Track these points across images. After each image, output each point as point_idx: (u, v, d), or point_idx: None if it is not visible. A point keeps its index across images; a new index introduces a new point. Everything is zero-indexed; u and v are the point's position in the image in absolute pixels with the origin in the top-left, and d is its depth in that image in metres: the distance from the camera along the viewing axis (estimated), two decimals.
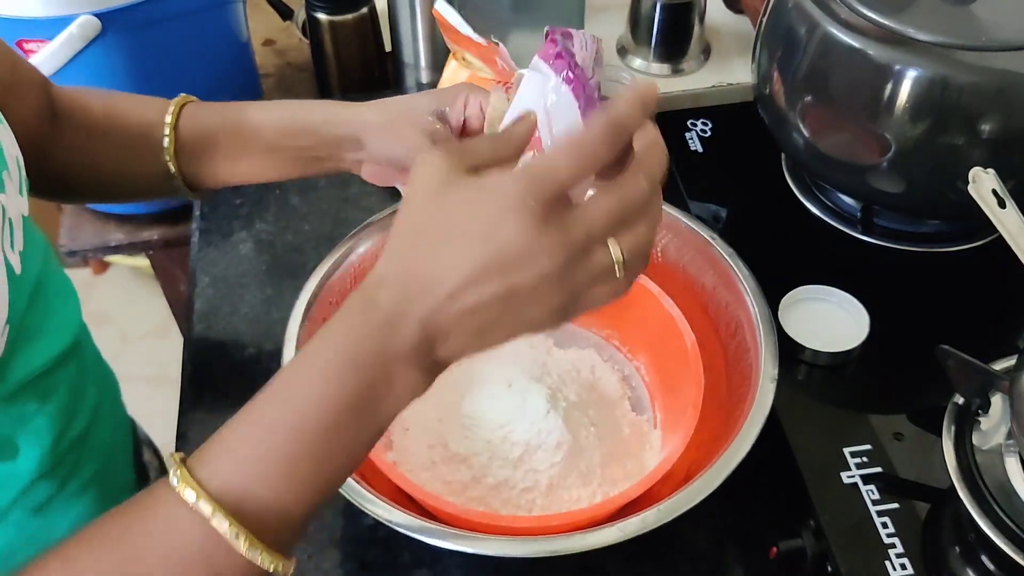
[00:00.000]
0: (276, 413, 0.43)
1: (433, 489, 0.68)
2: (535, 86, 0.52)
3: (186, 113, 0.68)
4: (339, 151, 0.67)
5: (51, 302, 0.63)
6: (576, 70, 0.53)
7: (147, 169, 0.68)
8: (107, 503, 0.67)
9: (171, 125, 0.66)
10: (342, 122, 0.66)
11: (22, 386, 0.58)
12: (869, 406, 0.73)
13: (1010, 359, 0.66)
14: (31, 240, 0.59)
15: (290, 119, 0.68)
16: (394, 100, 0.67)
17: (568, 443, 0.70)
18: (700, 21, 1.07)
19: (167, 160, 0.67)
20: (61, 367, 0.63)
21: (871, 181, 0.79)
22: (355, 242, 0.76)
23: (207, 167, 0.69)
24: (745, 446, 0.61)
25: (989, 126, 0.73)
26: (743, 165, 0.95)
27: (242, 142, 0.68)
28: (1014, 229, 0.64)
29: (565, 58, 0.53)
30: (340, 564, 0.69)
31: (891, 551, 0.63)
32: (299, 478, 0.42)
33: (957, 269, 0.84)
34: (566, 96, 0.52)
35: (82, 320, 0.69)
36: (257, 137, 0.67)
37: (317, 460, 0.42)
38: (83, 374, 0.67)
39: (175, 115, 0.67)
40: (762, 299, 0.70)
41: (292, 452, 0.42)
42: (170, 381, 0.85)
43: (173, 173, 0.68)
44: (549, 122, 0.52)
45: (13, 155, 0.56)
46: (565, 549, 0.58)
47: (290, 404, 0.42)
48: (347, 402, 0.42)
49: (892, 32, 0.71)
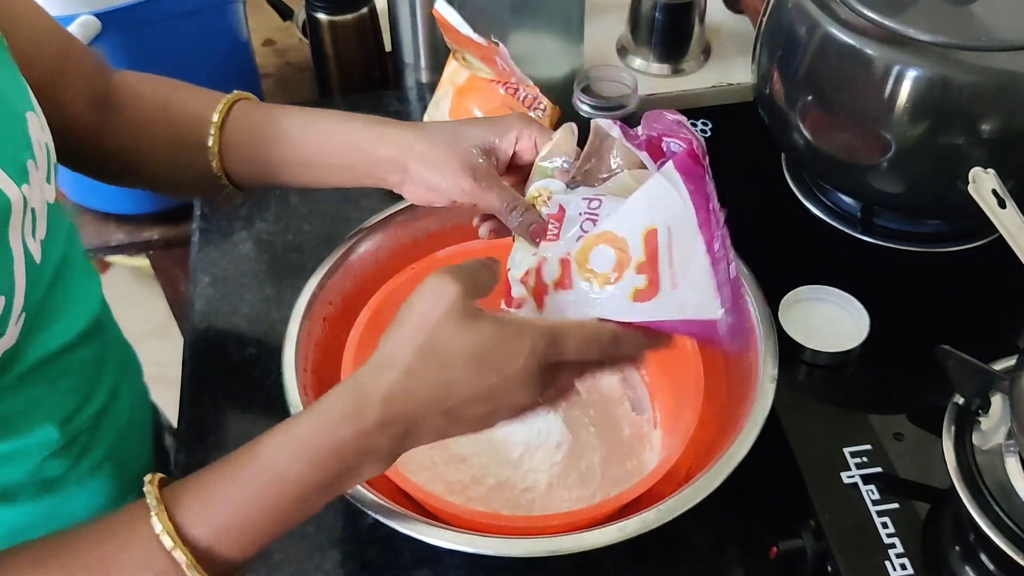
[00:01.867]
0: (259, 481, 0.48)
1: (433, 489, 0.68)
2: (657, 197, 0.50)
3: (235, 113, 0.68)
4: (382, 172, 0.66)
5: (72, 285, 0.64)
6: (706, 189, 0.50)
7: (194, 164, 0.68)
8: (122, 482, 0.70)
9: (217, 125, 0.67)
10: (385, 145, 0.65)
11: (38, 365, 0.60)
12: (869, 406, 0.73)
13: (1010, 359, 0.66)
14: (55, 226, 0.60)
15: (334, 135, 0.67)
16: (442, 128, 0.66)
17: (568, 443, 0.70)
18: (700, 21, 1.07)
19: (211, 159, 0.67)
20: (79, 347, 0.64)
21: (871, 181, 0.79)
22: (355, 242, 0.76)
23: (250, 169, 0.69)
24: (745, 446, 0.61)
25: (989, 126, 0.73)
26: (743, 165, 0.95)
27: (286, 152, 0.67)
28: (1014, 229, 0.64)
29: (702, 175, 0.50)
30: (340, 564, 0.69)
31: (891, 551, 0.63)
32: (262, 538, 0.49)
33: (957, 269, 0.84)
34: (690, 222, 0.50)
35: (104, 301, 0.70)
36: (301, 149, 0.67)
37: (281, 524, 0.49)
38: (103, 354, 0.69)
39: (223, 114, 0.67)
40: (762, 299, 0.70)
41: (263, 519, 0.48)
42: (170, 381, 0.85)
43: (216, 172, 0.68)
44: (670, 243, 0.50)
45: (43, 142, 0.57)
46: (565, 549, 0.58)
47: (273, 476, 0.48)
48: (321, 484, 0.49)
49: (892, 32, 0.72)
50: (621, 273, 0.51)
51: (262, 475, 0.48)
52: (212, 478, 0.49)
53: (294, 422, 0.49)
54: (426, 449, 0.71)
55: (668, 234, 0.50)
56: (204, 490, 0.48)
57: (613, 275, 0.51)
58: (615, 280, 0.51)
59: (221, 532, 0.47)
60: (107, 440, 0.69)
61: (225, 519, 0.48)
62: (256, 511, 0.48)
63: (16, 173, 0.53)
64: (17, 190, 0.53)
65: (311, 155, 0.67)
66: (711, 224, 0.50)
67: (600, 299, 0.52)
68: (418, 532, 0.59)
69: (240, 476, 0.48)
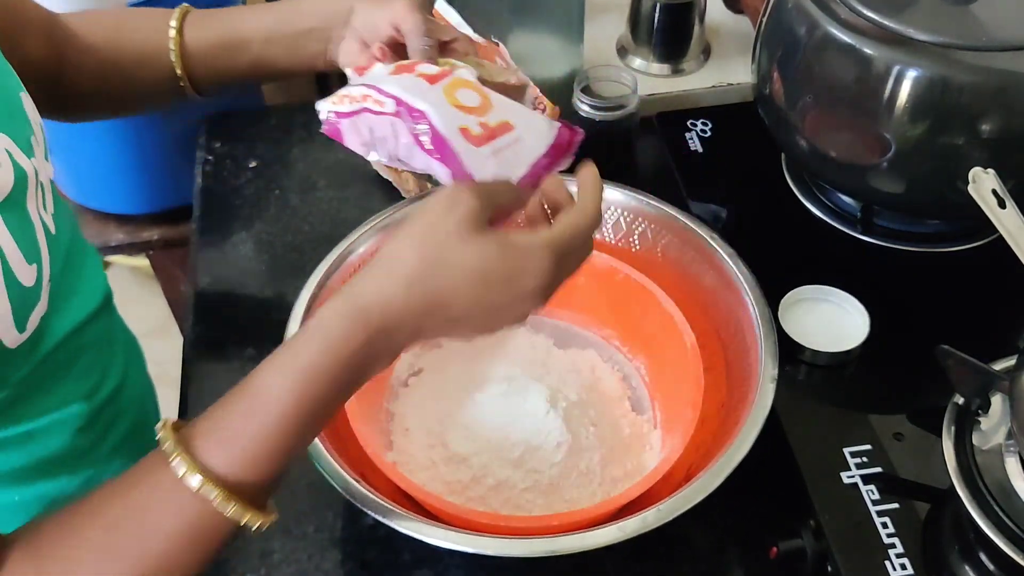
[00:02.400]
0: (273, 412, 0.47)
1: (433, 489, 0.68)
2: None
3: (190, 17, 0.72)
4: (334, 24, 0.69)
5: (83, 262, 0.70)
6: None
7: (155, 76, 0.72)
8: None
9: (176, 29, 0.71)
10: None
11: (62, 342, 0.64)
12: (869, 406, 0.73)
13: (1010, 359, 0.66)
14: (58, 202, 0.64)
15: (290, 4, 0.73)
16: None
17: (568, 443, 0.70)
18: (700, 21, 1.07)
19: (173, 62, 0.71)
20: (93, 324, 0.69)
21: (871, 181, 0.79)
22: (355, 242, 0.76)
23: (211, 62, 0.72)
24: (745, 446, 0.61)
25: (989, 126, 0.73)
26: (743, 165, 0.95)
27: (246, 29, 0.72)
28: (1014, 229, 0.64)
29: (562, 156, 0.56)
30: (340, 564, 0.69)
31: (891, 551, 0.63)
32: (288, 457, 0.48)
33: (957, 269, 0.84)
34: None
35: (107, 280, 0.75)
36: (260, 23, 0.71)
37: (304, 440, 0.49)
38: (112, 334, 0.75)
39: (179, 19, 0.71)
40: (762, 299, 0.70)
41: (284, 443, 0.47)
42: (170, 381, 0.86)
43: (180, 75, 0.72)
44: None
45: (38, 121, 0.61)
46: (565, 549, 0.58)
47: (286, 408, 0.47)
48: (334, 397, 0.48)
49: (892, 32, 0.72)
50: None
51: (274, 407, 0.47)
52: (222, 416, 0.48)
53: (294, 352, 0.48)
54: (426, 449, 0.71)
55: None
56: (218, 429, 0.48)
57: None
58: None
59: (244, 463, 0.47)
60: (129, 414, 0.75)
61: (244, 451, 0.47)
62: (275, 437, 0.47)
63: (25, 148, 0.57)
64: (29, 162, 0.56)
65: (270, 27, 0.71)
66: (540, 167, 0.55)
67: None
68: (418, 532, 0.59)
69: (253, 409, 0.47)
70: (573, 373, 0.77)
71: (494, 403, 0.73)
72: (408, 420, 0.74)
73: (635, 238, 0.80)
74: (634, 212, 0.79)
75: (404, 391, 0.77)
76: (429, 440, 0.72)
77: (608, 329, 0.81)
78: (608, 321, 0.81)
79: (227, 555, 0.69)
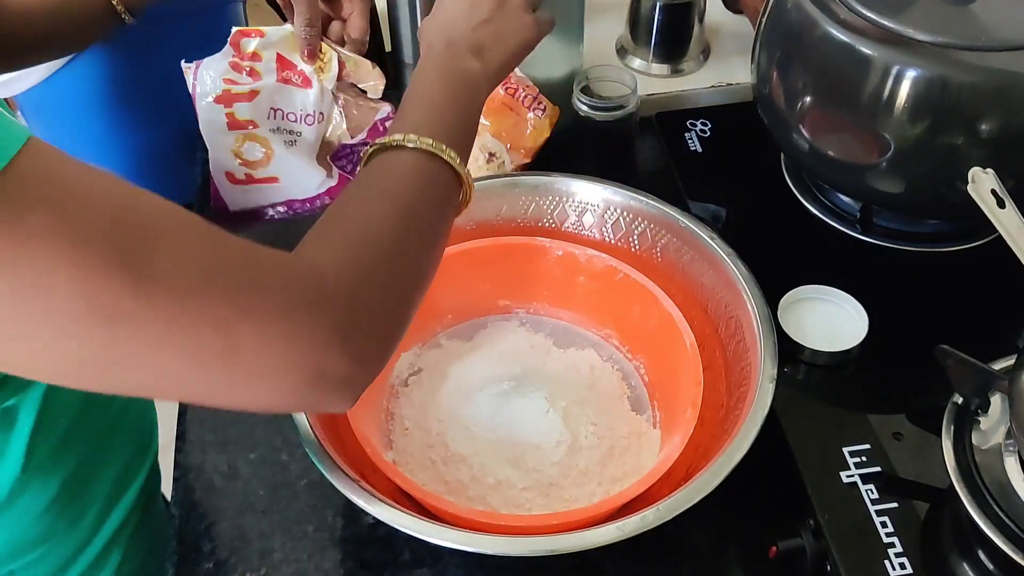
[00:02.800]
0: (432, 92, 0.62)
1: (433, 489, 0.68)
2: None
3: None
4: None
5: None
6: None
7: (85, 6, 0.80)
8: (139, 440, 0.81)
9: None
10: None
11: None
12: (869, 406, 0.73)
13: (1010, 359, 0.66)
14: None
15: None
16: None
17: (568, 442, 0.70)
18: (700, 21, 1.07)
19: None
20: None
21: (871, 181, 0.80)
22: None
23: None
24: (744, 446, 0.61)
25: (989, 126, 0.73)
26: (743, 165, 0.95)
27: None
28: (1014, 229, 0.64)
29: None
30: (340, 564, 0.69)
31: (890, 551, 0.63)
32: (454, 133, 0.60)
33: (957, 269, 0.84)
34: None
35: None
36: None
37: (460, 124, 0.61)
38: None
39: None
40: (762, 299, 0.71)
41: (446, 118, 0.60)
42: None
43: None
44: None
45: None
46: (565, 548, 0.58)
47: (432, 87, 0.62)
48: (456, 90, 0.62)
49: (892, 32, 0.72)
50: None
51: (439, 101, 0.60)
52: (410, 111, 0.60)
53: (417, 99, 0.61)
54: (426, 449, 0.71)
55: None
56: (409, 117, 0.59)
57: None
58: None
59: (448, 131, 0.58)
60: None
61: (444, 120, 0.59)
62: (452, 111, 0.60)
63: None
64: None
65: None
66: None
67: None
68: (418, 532, 0.59)
69: (427, 98, 0.61)
70: (573, 372, 0.77)
71: (494, 403, 0.73)
72: (408, 420, 0.74)
73: (635, 238, 0.80)
74: (634, 212, 0.79)
75: (404, 391, 0.77)
76: (429, 440, 0.72)
77: (608, 329, 0.81)
78: (608, 321, 0.81)
79: (227, 555, 0.69)
